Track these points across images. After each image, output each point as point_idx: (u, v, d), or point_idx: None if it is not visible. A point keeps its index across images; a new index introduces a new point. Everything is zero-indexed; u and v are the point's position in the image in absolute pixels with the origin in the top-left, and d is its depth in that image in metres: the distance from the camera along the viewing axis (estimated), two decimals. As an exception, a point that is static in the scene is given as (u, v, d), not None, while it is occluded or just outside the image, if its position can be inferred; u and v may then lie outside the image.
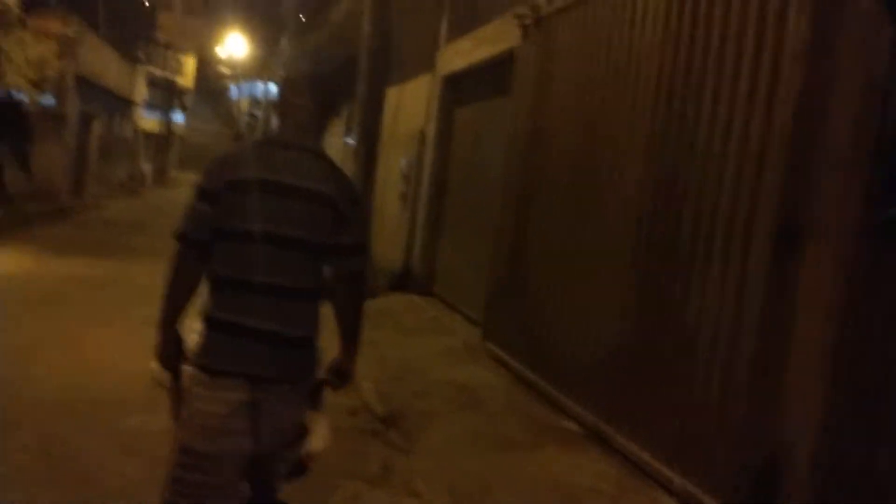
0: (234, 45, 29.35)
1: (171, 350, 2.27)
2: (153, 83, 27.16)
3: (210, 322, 2.20)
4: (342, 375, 2.40)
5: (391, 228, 10.44)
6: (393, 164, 10.57)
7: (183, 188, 25.16)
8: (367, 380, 5.31)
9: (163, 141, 29.97)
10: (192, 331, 2.27)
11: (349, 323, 2.39)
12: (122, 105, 23.14)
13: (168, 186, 27.92)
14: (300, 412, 2.29)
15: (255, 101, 35.36)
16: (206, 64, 33.89)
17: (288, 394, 2.22)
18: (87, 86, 17.62)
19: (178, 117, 33.13)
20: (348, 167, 6.78)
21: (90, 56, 17.44)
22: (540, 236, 5.69)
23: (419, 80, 10.30)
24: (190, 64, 30.86)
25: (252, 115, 35.64)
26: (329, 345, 2.38)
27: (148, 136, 27.70)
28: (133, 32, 22.57)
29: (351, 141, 13.31)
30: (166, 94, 29.38)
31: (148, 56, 25.63)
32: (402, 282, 9.40)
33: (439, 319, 7.92)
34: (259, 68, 31.67)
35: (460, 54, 8.70)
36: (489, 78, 7.96)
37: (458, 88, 9.11)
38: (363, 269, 2.36)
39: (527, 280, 5.80)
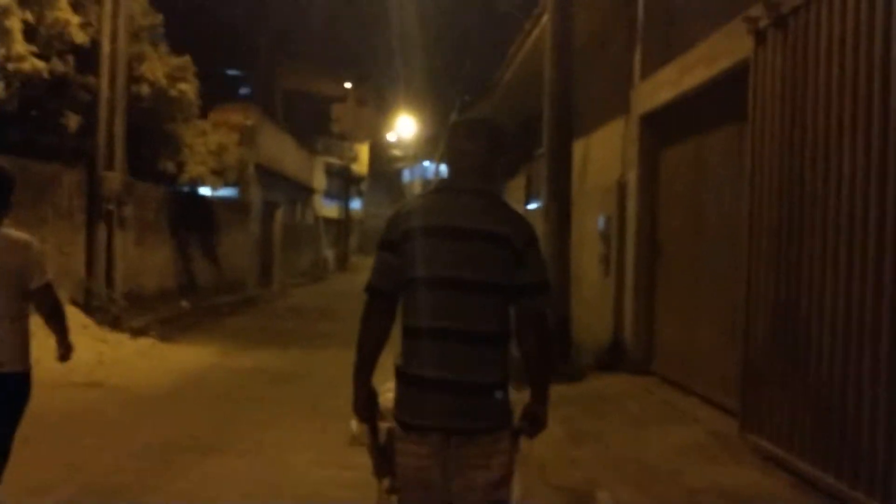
0: (404, 128, 30.04)
1: (365, 403, 2.34)
2: (330, 172, 28.07)
3: (400, 375, 2.28)
4: (535, 422, 2.35)
5: (592, 297, 9.25)
6: (586, 225, 9.43)
7: (364, 273, 25.50)
8: (602, 488, 4.40)
9: (342, 227, 30.87)
10: (388, 390, 2.38)
11: (536, 366, 2.34)
12: (302, 193, 23.83)
13: (350, 271, 28.53)
14: (496, 465, 2.22)
15: (426, 183, 35.79)
16: (379, 149, 34.94)
17: (483, 446, 2.20)
18: (269, 175, 18.02)
19: (355, 203, 34.11)
20: (538, 230, 5.70)
21: (270, 144, 17.87)
22: (823, 282, 4.37)
23: (609, 127, 9.30)
24: (364, 151, 31.81)
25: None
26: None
27: (328, 222, 28.55)
28: (310, 125, 23.40)
29: (534, 206, 12.31)
30: (343, 182, 30.35)
31: (325, 146, 26.54)
32: (611, 359, 8.15)
33: (671, 404, 6.57)
34: (428, 149, 32.12)
35: (663, 86, 7.55)
36: (707, 105, 6.87)
37: (663, 126, 7.99)
38: (545, 310, 2.32)
39: (810, 346, 4.46)
